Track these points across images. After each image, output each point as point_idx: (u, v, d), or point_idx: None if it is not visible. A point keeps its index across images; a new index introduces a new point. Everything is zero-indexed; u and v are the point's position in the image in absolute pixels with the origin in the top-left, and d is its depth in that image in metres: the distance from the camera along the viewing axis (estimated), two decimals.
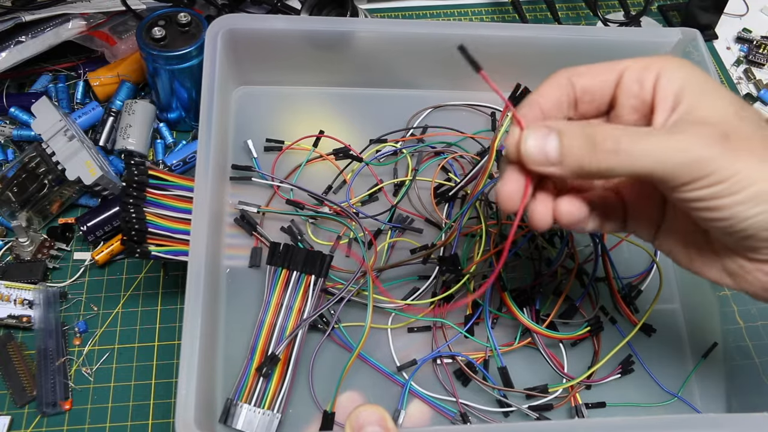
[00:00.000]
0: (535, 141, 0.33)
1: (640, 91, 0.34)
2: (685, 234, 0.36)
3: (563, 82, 0.36)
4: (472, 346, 0.50)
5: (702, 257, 0.36)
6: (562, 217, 0.35)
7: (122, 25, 0.66)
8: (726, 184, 0.31)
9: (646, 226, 0.38)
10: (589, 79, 0.35)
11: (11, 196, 0.56)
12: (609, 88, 0.36)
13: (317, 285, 0.48)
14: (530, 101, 0.36)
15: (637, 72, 0.34)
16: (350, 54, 0.57)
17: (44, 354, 0.50)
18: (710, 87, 0.33)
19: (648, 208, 0.37)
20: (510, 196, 0.34)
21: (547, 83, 0.36)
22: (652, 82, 0.34)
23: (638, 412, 0.49)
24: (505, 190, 0.34)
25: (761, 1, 0.83)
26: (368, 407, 0.31)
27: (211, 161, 0.46)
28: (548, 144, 0.32)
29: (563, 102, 0.36)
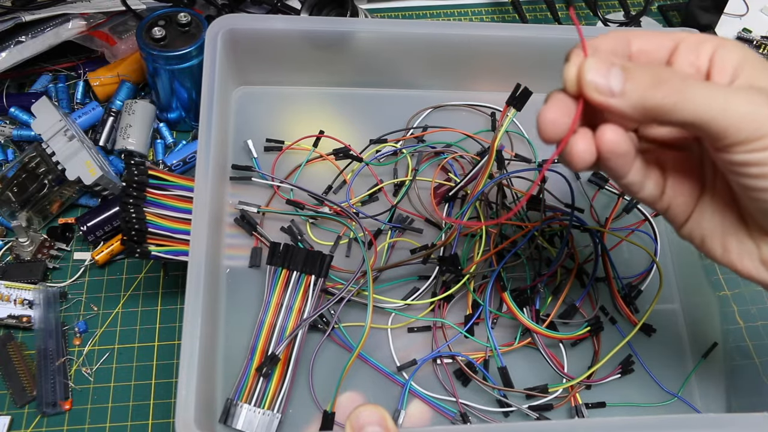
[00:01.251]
0: (598, 69, 0.31)
1: (696, 60, 0.33)
2: (723, 216, 0.35)
3: (621, 38, 0.34)
4: (472, 346, 0.50)
5: (739, 246, 0.34)
6: (605, 144, 0.32)
7: (122, 25, 0.66)
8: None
9: (684, 202, 0.36)
10: (646, 42, 0.34)
11: (11, 196, 0.56)
12: (665, 53, 0.34)
13: (317, 285, 0.48)
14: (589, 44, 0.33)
15: (693, 43, 0.34)
16: (350, 54, 0.57)
17: (44, 354, 0.50)
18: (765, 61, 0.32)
19: (689, 181, 0.36)
20: (554, 122, 0.32)
21: (605, 36, 0.34)
22: (709, 54, 0.33)
23: (638, 412, 0.49)
24: (548, 114, 0.32)
25: (761, 1, 0.83)
26: (368, 407, 0.31)
27: (211, 161, 0.46)
28: (612, 73, 0.31)
29: (619, 54, 0.34)
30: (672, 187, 0.36)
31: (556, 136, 0.32)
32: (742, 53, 0.33)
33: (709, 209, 0.35)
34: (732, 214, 0.34)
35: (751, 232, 0.34)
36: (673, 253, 0.56)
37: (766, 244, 0.33)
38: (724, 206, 0.35)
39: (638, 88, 0.30)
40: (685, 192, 0.36)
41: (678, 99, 0.30)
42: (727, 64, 0.33)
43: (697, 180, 0.36)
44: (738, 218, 0.34)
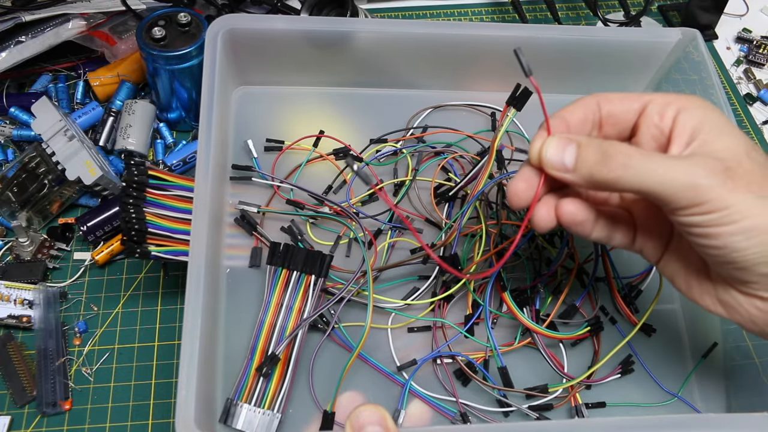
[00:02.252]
0: (556, 148, 0.36)
1: (660, 122, 0.37)
2: (687, 261, 0.39)
3: (591, 103, 0.39)
4: (472, 346, 0.50)
5: (699, 285, 0.39)
6: (564, 216, 0.38)
7: (122, 25, 0.66)
8: (720, 214, 0.33)
9: (653, 248, 0.40)
10: (615, 106, 0.39)
11: (11, 196, 0.56)
12: (632, 116, 0.38)
13: (317, 285, 0.48)
14: (559, 115, 0.39)
15: (659, 105, 0.37)
16: (350, 54, 0.57)
17: (44, 354, 0.50)
18: (725, 127, 0.36)
19: (657, 229, 0.39)
20: (518, 193, 0.38)
21: (577, 103, 0.39)
22: (673, 116, 0.37)
23: (638, 412, 0.49)
24: (515, 186, 0.38)
25: (761, 1, 0.83)
26: (368, 407, 0.31)
27: (211, 161, 0.47)
28: (567, 151, 0.36)
29: (588, 121, 0.39)
30: (642, 237, 0.40)
31: (523, 204, 0.38)
32: (702, 116, 0.36)
33: (675, 254, 0.39)
34: (693, 259, 0.38)
35: (710, 276, 0.38)
36: None
37: (722, 287, 0.37)
38: (687, 253, 0.39)
39: (587, 165, 0.35)
40: (654, 241, 0.40)
41: (622, 174, 0.34)
42: (686, 127, 0.36)
43: (664, 230, 0.39)
44: (698, 263, 0.38)
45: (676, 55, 0.59)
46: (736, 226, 0.33)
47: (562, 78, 0.61)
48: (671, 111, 0.37)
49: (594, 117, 0.39)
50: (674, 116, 0.36)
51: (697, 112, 0.36)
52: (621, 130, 0.39)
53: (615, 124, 0.39)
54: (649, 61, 0.60)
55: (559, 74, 0.60)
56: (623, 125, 0.39)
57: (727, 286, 0.37)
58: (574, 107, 0.39)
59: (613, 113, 0.39)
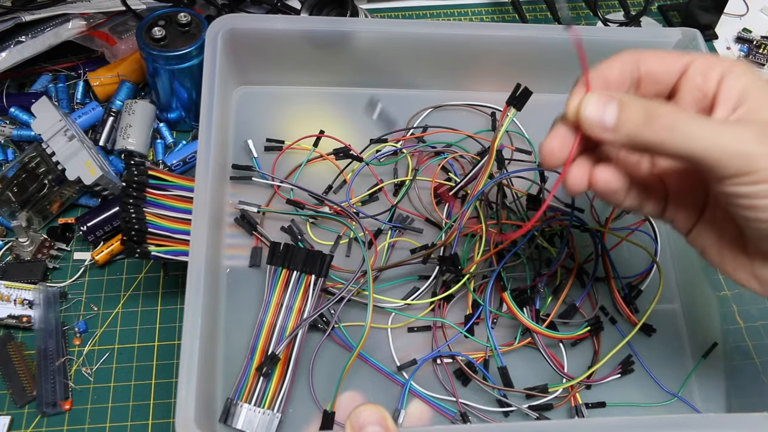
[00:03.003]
0: (596, 104, 0.34)
1: (704, 84, 0.35)
2: (722, 232, 0.37)
3: (630, 60, 0.36)
4: (472, 345, 0.50)
5: (734, 258, 0.37)
6: (598, 183, 0.36)
7: (122, 25, 0.66)
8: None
9: (685, 217, 0.38)
10: (655, 64, 0.36)
11: (11, 196, 0.56)
12: (673, 76, 0.36)
13: (317, 285, 0.48)
14: (597, 70, 0.36)
15: (703, 66, 0.35)
16: (350, 54, 0.57)
17: (44, 354, 0.50)
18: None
19: (690, 198, 0.37)
20: (552, 151, 0.35)
21: (615, 58, 0.36)
22: (717, 79, 0.34)
23: (638, 412, 0.49)
24: (548, 144, 0.35)
25: (761, 1, 0.83)
26: (368, 407, 0.31)
27: (211, 161, 0.47)
28: (608, 109, 0.33)
29: (627, 78, 0.36)
30: (673, 206, 0.38)
31: (555, 162, 0.35)
32: (749, 80, 0.34)
33: (709, 224, 0.37)
34: (729, 230, 0.37)
35: (747, 249, 0.36)
36: (673, 253, 0.56)
37: (758, 260, 0.36)
38: (723, 223, 0.37)
39: (630, 125, 0.33)
40: (687, 210, 0.38)
41: (667, 136, 0.32)
42: (733, 92, 0.34)
43: (698, 199, 0.37)
44: (734, 235, 0.36)
45: None
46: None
47: (562, 78, 0.60)
48: (716, 73, 0.35)
49: (633, 75, 0.37)
50: (719, 79, 0.34)
51: (743, 77, 0.34)
52: (660, 90, 0.37)
53: (654, 83, 0.37)
54: None
55: (559, 74, 0.60)
56: (663, 85, 0.37)
57: (766, 261, 0.35)
58: (612, 63, 0.37)
59: (652, 72, 0.36)
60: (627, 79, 0.37)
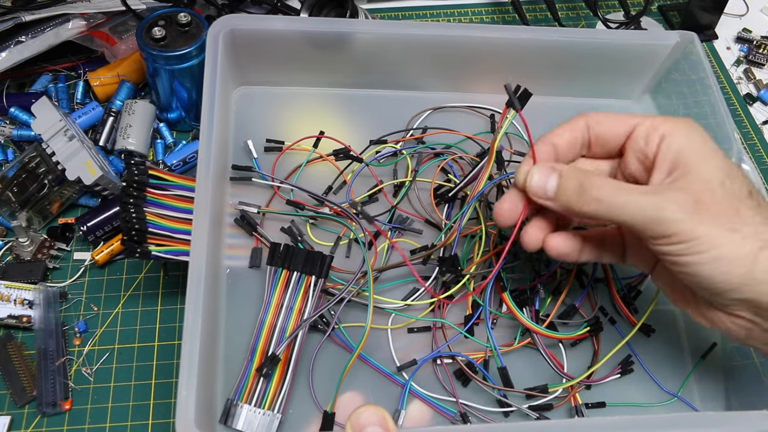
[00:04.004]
0: (539, 176, 0.39)
1: (645, 147, 0.39)
2: (672, 278, 0.40)
3: (579, 126, 0.41)
4: (472, 346, 0.50)
5: (685, 300, 0.41)
6: (550, 249, 0.40)
7: (122, 25, 0.66)
8: (687, 245, 0.35)
9: (644, 263, 0.42)
10: (603, 128, 0.40)
11: (11, 196, 0.56)
12: (620, 139, 0.40)
13: (317, 285, 0.48)
14: (546, 140, 0.41)
15: (646, 130, 0.39)
16: (350, 54, 0.57)
17: (44, 354, 0.50)
18: (706, 155, 0.37)
19: (645, 248, 0.40)
20: (503, 213, 0.41)
21: (566, 126, 0.41)
22: (657, 142, 0.38)
23: (638, 412, 0.49)
24: (502, 206, 0.41)
25: (761, 1, 0.83)
26: (369, 408, 0.31)
27: (211, 161, 0.47)
28: (549, 181, 0.38)
29: (578, 143, 0.41)
30: (631, 253, 0.42)
31: (507, 223, 0.41)
32: (684, 143, 0.37)
33: (663, 271, 0.41)
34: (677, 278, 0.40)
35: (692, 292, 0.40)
36: None
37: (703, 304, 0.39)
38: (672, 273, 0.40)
39: (566, 196, 0.38)
40: (644, 257, 0.42)
41: (595, 207, 0.37)
42: (669, 154, 0.37)
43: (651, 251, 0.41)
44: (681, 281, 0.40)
45: (674, 56, 0.59)
46: (703, 256, 0.35)
47: (562, 79, 0.61)
48: (656, 137, 0.38)
49: (583, 138, 0.41)
50: (658, 142, 0.38)
51: (680, 140, 0.37)
52: (610, 149, 0.41)
53: (603, 144, 0.41)
54: (649, 62, 0.60)
55: (560, 76, 0.60)
56: (611, 146, 0.41)
57: (708, 305, 0.39)
58: (563, 130, 0.41)
59: (600, 135, 0.40)
60: (578, 143, 0.41)
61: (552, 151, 0.41)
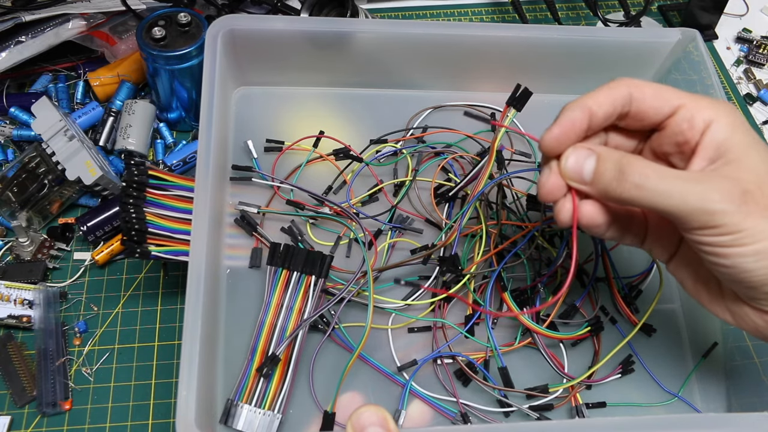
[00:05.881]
0: (575, 160, 0.36)
1: (688, 131, 0.36)
2: (696, 269, 0.39)
3: (621, 96, 0.37)
4: (473, 346, 0.50)
5: (709, 293, 0.39)
6: (583, 218, 0.37)
7: (122, 25, 0.66)
8: (732, 237, 0.33)
9: (662, 250, 0.40)
10: (647, 105, 0.37)
11: (11, 196, 0.56)
12: (661, 118, 0.37)
13: (317, 285, 0.48)
14: (582, 105, 0.37)
15: (690, 112, 0.36)
16: (350, 54, 0.57)
17: (44, 354, 0.50)
18: (753, 145, 0.35)
19: (667, 234, 0.39)
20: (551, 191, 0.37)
21: (605, 92, 0.37)
22: (701, 128, 0.36)
23: (638, 412, 0.49)
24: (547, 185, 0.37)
25: (761, 1, 0.83)
26: (369, 408, 0.31)
27: (211, 161, 0.46)
28: (586, 164, 0.36)
29: (614, 114, 0.38)
30: (651, 239, 0.40)
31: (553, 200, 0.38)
32: (730, 132, 0.35)
33: (685, 260, 0.40)
34: (703, 268, 0.38)
35: (719, 286, 0.38)
36: None
37: (729, 297, 0.38)
38: (697, 261, 0.38)
39: (604, 181, 0.35)
40: (664, 244, 0.40)
41: (636, 194, 0.34)
42: (714, 142, 0.35)
43: (674, 236, 0.40)
44: (707, 272, 0.38)
45: (675, 55, 0.59)
46: (747, 249, 0.34)
47: (562, 78, 0.61)
48: (701, 121, 0.36)
49: (623, 108, 0.38)
50: (703, 128, 0.36)
51: (726, 128, 0.35)
52: (646, 125, 0.38)
53: (641, 120, 0.38)
54: (649, 61, 0.60)
55: (559, 74, 0.60)
56: (649, 122, 0.38)
57: (736, 299, 0.37)
58: (602, 98, 0.37)
59: (642, 111, 0.37)
60: (615, 114, 0.38)
61: (586, 118, 0.37)
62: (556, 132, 0.37)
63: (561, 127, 0.37)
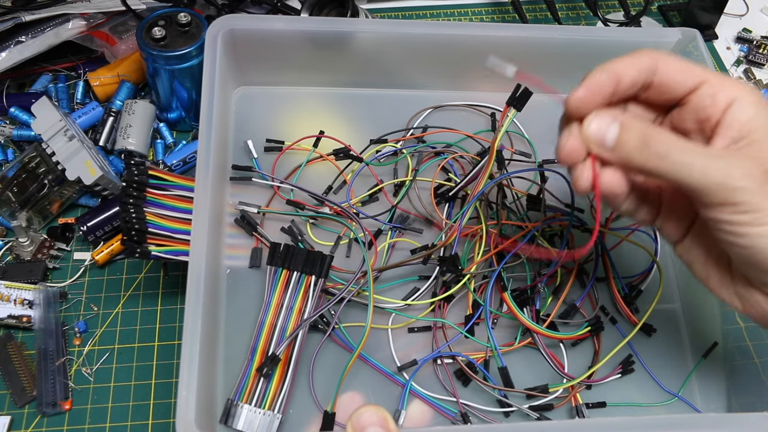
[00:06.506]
0: (598, 125, 0.36)
1: (710, 106, 0.36)
2: (708, 249, 0.38)
3: (646, 65, 0.37)
4: (473, 346, 0.50)
5: (719, 276, 0.38)
6: (603, 184, 0.37)
7: (122, 25, 0.66)
8: (752, 215, 0.33)
9: (674, 228, 0.40)
10: (670, 78, 0.37)
11: (11, 196, 0.56)
12: (683, 91, 0.37)
13: (317, 285, 0.48)
14: (610, 69, 0.37)
15: (714, 89, 0.36)
16: (350, 54, 0.57)
17: (44, 354, 0.50)
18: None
19: (681, 211, 0.39)
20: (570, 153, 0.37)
21: (631, 60, 0.37)
22: (724, 106, 0.35)
23: (639, 412, 0.49)
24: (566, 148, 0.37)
25: (761, 1, 0.83)
26: (370, 408, 0.31)
27: (211, 161, 0.46)
28: (610, 131, 0.35)
29: (638, 83, 0.37)
30: (665, 215, 0.40)
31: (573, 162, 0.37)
32: (754, 112, 0.35)
33: (697, 240, 0.39)
34: (715, 249, 0.38)
35: (729, 267, 0.38)
36: (673, 253, 0.56)
37: (741, 281, 0.37)
38: (709, 242, 0.38)
39: (627, 148, 0.35)
40: (677, 221, 0.39)
41: (658, 164, 0.34)
42: (736, 123, 0.35)
43: (689, 213, 0.39)
44: (719, 254, 0.38)
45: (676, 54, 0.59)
46: (765, 228, 0.33)
47: (562, 78, 0.60)
48: (724, 99, 0.35)
49: (646, 79, 0.37)
50: (726, 106, 0.35)
51: (749, 108, 0.35)
52: (667, 99, 0.38)
53: (663, 93, 0.38)
54: None
55: (559, 74, 0.60)
56: (671, 96, 0.38)
57: (747, 284, 0.37)
58: (628, 64, 0.37)
59: (664, 83, 0.37)
60: (639, 83, 0.37)
61: (613, 83, 0.37)
62: (582, 93, 0.36)
63: (588, 89, 0.36)
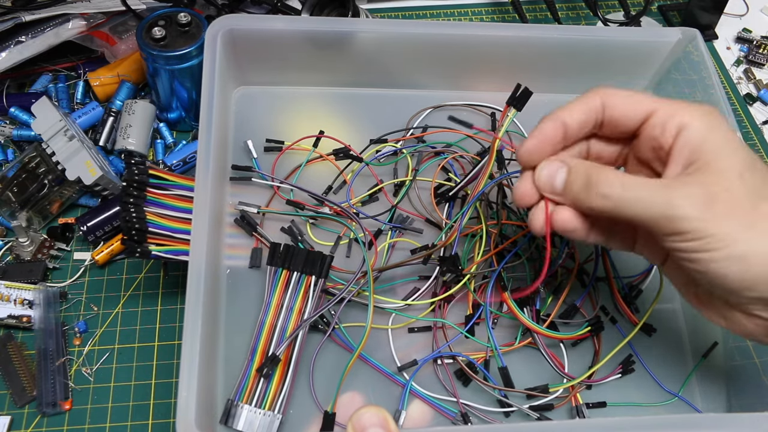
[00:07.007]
0: (548, 172, 0.38)
1: (661, 136, 0.36)
2: (688, 273, 0.38)
3: (594, 106, 0.38)
4: (473, 346, 0.50)
5: (700, 298, 0.39)
6: (556, 223, 0.38)
7: (122, 25, 0.66)
8: (700, 242, 0.33)
9: (653, 255, 0.40)
10: (618, 111, 0.38)
11: (11, 196, 0.56)
12: (634, 124, 0.38)
13: (318, 285, 0.48)
14: (556, 117, 0.39)
15: (663, 118, 0.37)
16: (351, 54, 0.57)
17: (44, 354, 0.50)
18: (726, 146, 0.35)
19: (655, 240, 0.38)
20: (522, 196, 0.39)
21: (579, 103, 0.39)
22: (674, 133, 0.36)
23: (639, 412, 0.49)
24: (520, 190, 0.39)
25: (761, 1, 0.83)
26: (370, 409, 0.31)
27: (211, 161, 0.46)
28: (558, 176, 0.37)
29: (589, 124, 0.39)
30: (641, 245, 0.40)
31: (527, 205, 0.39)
32: (703, 135, 0.35)
33: (675, 265, 0.39)
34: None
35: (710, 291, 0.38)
36: None
37: (718, 300, 0.38)
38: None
39: (573, 192, 0.37)
40: (654, 248, 0.40)
41: (603, 203, 0.35)
42: (686, 147, 0.35)
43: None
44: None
45: (675, 54, 0.59)
46: (716, 254, 0.33)
47: (562, 78, 0.61)
48: (673, 127, 0.36)
49: (597, 118, 0.39)
50: (675, 133, 0.36)
51: (698, 132, 0.35)
52: (622, 133, 0.39)
53: (616, 127, 0.39)
54: (649, 60, 0.60)
55: (559, 74, 0.60)
56: (624, 129, 0.39)
57: (726, 303, 0.37)
58: (575, 109, 0.38)
59: (615, 118, 0.38)
60: (589, 123, 0.39)
61: (560, 130, 0.38)
62: (530, 145, 0.38)
63: (534, 140, 0.38)
